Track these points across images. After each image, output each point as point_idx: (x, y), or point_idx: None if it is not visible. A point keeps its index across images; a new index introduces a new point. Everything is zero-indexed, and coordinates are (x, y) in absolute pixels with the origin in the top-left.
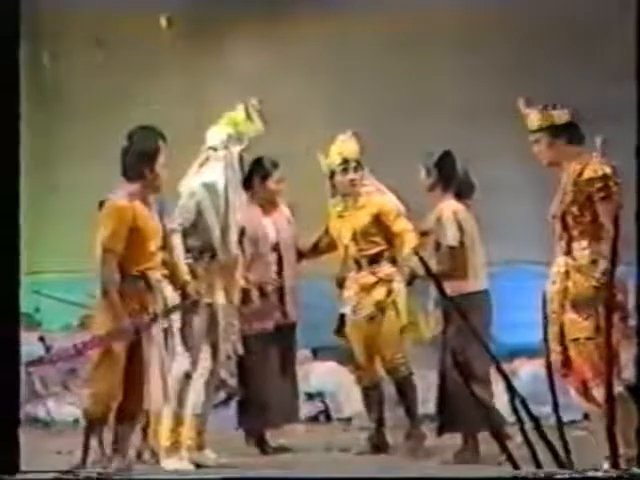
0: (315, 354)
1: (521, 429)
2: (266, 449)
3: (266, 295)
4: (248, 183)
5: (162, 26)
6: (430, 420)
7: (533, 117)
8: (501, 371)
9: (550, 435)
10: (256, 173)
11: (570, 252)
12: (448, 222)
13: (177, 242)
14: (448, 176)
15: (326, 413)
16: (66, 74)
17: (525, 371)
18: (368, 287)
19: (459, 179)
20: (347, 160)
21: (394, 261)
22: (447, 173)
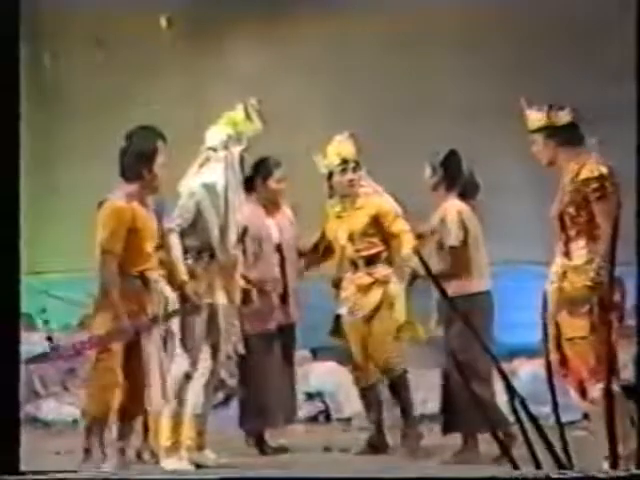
0: (314, 354)
1: (521, 429)
2: (265, 449)
3: (268, 295)
4: (250, 183)
5: (162, 26)
6: (430, 420)
7: (534, 117)
8: (501, 371)
9: (550, 435)
10: (258, 173)
11: (568, 252)
12: (452, 222)
13: (175, 242)
14: (453, 175)
15: (326, 413)
16: (66, 74)
17: (525, 371)
18: (364, 288)
19: (464, 179)
20: (346, 160)
21: (390, 262)
22: (452, 172)
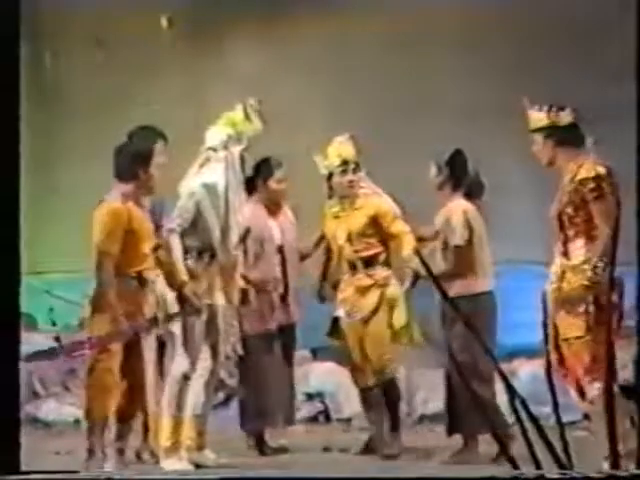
0: (314, 354)
1: (521, 429)
2: (265, 450)
3: (269, 296)
4: (252, 184)
5: (163, 26)
6: (430, 420)
7: (535, 117)
8: (501, 372)
9: (550, 436)
10: (259, 174)
11: (566, 252)
12: (457, 221)
13: (175, 242)
14: (459, 175)
15: (326, 413)
16: (66, 74)
17: (525, 371)
18: (363, 290)
19: (470, 178)
20: (346, 162)
21: (389, 264)
22: (458, 172)
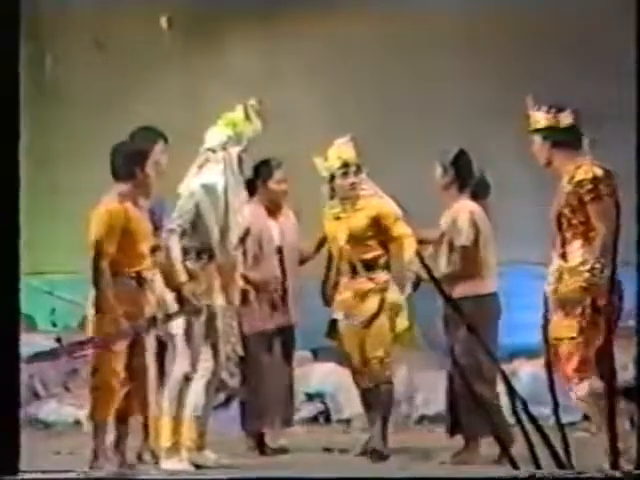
0: (315, 355)
1: (522, 430)
2: (265, 450)
3: (268, 296)
4: (252, 185)
5: (163, 27)
6: (430, 421)
7: (536, 118)
8: (503, 374)
9: (551, 436)
10: (258, 175)
11: (564, 254)
12: (464, 221)
13: (175, 243)
14: (465, 175)
15: (326, 414)
16: (66, 75)
17: (525, 372)
18: (363, 294)
19: (476, 179)
20: (347, 164)
21: (389, 267)
22: (464, 172)
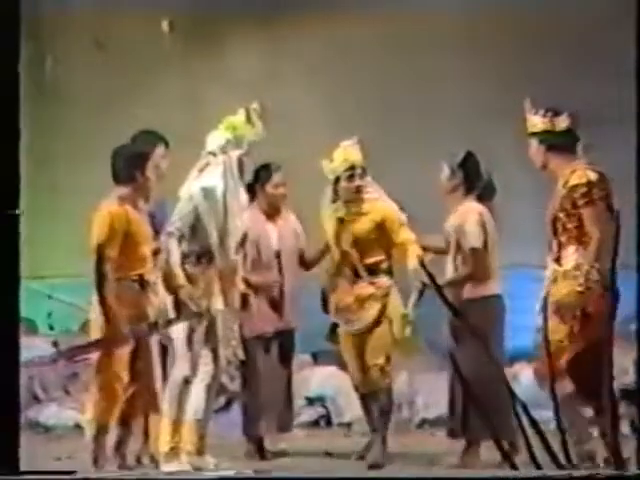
0: (315, 359)
1: (522, 433)
2: (266, 454)
3: (266, 300)
4: (252, 189)
5: (164, 30)
6: (431, 425)
7: (533, 121)
8: (505, 380)
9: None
10: (257, 179)
11: (559, 258)
12: (473, 223)
13: (173, 246)
14: (472, 178)
15: (327, 418)
16: (67, 76)
17: (525, 375)
18: (364, 299)
19: (483, 181)
20: (354, 166)
21: (391, 273)
22: (472, 175)
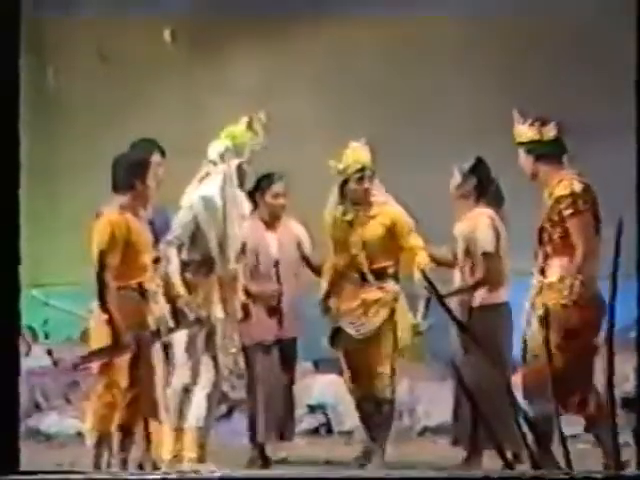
0: (316, 366)
1: (523, 441)
2: (267, 462)
3: (265, 309)
4: (253, 198)
5: (166, 40)
6: (433, 433)
7: (520, 130)
8: (509, 389)
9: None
10: (258, 188)
11: (544, 269)
12: (486, 228)
13: (172, 255)
14: (485, 184)
15: (327, 426)
16: (69, 87)
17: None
18: (370, 303)
19: (494, 186)
20: (364, 168)
21: (397, 278)
22: (483, 181)
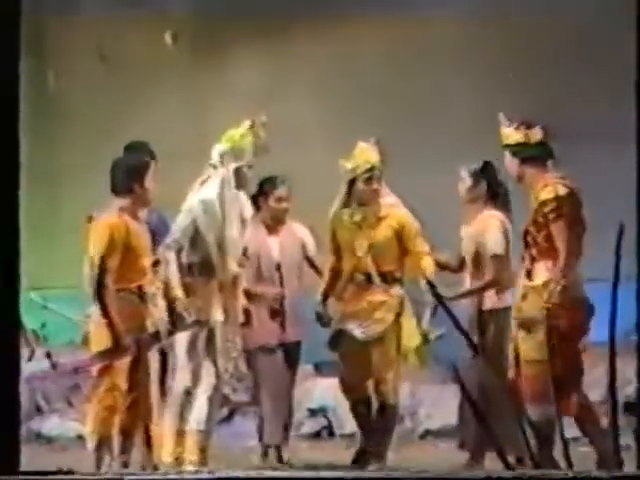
0: (317, 369)
1: (526, 444)
2: (269, 465)
3: (268, 313)
4: (255, 201)
5: (167, 42)
6: (434, 436)
7: (506, 133)
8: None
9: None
10: (260, 192)
11: (530, 272)
12: (496, 230)
13: (171, 258)
14: (495, 187)
15: (329, 429)
16: (70, 90)
17: None
18: (376, 305)
19: (504, 189)
20: (373, 168)
21: (401, 282)
22: (493, 184)
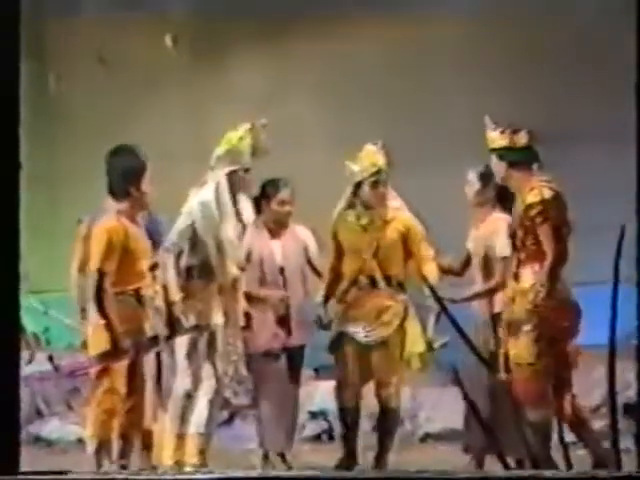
0: (318, 373)
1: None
2: (270, 468)
3: (271, 317)
4: (258, 204)
5: (167, 45)
6: (434, 439)
7: (492, 137)
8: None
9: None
10: (262, 195)
11: (517, 275)
12: (504, 232)
13: (170, 262)
14: (502, 190)
15: (329, 432)
16: (70, 93)
17: None
18: (382, 309)
19: (511, 193)
20: (380, 171)
21: (405, 286)
22: (501, 187)
